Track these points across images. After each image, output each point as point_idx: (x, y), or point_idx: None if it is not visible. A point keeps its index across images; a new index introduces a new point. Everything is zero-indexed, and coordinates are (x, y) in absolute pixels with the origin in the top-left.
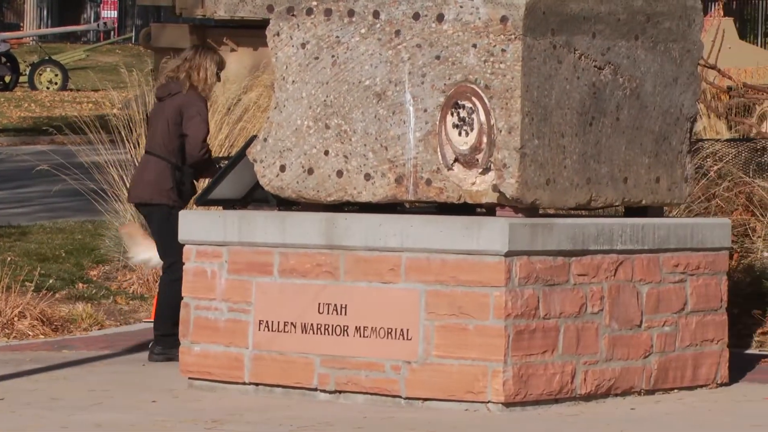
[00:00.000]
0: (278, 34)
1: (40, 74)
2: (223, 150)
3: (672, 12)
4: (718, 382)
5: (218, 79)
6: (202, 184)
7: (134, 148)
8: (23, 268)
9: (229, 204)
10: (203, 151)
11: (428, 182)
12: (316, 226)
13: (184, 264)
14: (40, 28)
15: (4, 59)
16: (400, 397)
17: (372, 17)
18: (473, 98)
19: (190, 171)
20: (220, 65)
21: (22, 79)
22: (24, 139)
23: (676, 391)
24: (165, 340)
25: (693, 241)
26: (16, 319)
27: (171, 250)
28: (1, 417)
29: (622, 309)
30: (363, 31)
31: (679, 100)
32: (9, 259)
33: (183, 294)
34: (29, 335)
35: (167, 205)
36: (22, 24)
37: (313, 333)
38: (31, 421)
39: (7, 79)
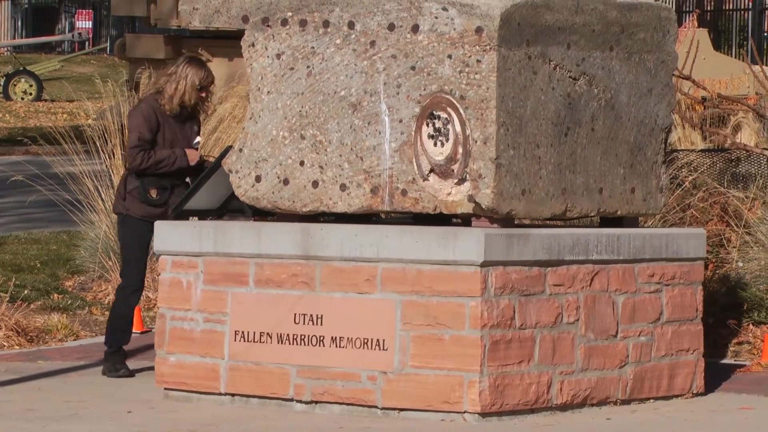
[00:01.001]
0: (253, 45)
1: (15, 85)
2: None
3: (647, 23)
4: (694, 391)
5: (201, 93)
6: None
7: (109, 158)
8: None
9: (204, 214)
10: (132, 159)
11: (404, 193)
12: (292, 236)
13: (160, 275)
14: (14, 38)
15: None
16: (376, 407)
17: (347, 28)
18: (448, 109)
19: (151, 178)
20: (205, 80)
21: None
22: None
23: (652, 400)
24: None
25: (668, 252)
26: None
27: (121, 257)
28: None
29: (598, 319)
30: (338, 41)
31: (654, 111)
32: None
33: (159, 304)
34: (4, 346)
35: (121, 214)
36: None
37: (289, 343)
38: None
39: None
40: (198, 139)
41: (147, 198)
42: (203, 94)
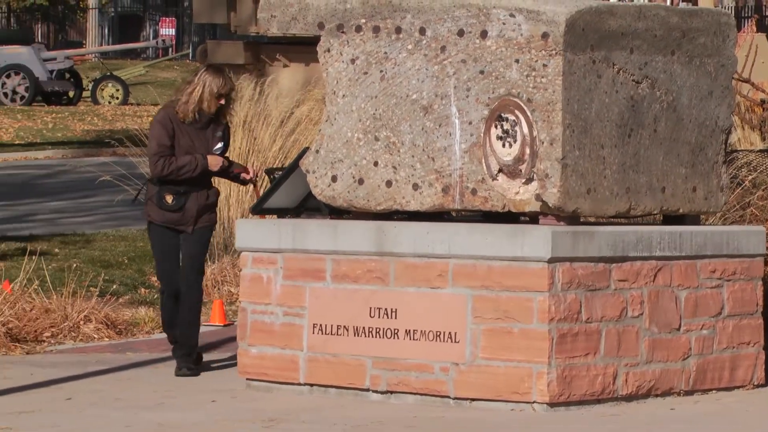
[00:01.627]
0: (329, 51)
1: (102, 89)
2: (277, 161)
3: (707, 28)
4: (755, 383)
5: (219, 100)
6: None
7: None
8: (88, 274)
9: (283, 213)
10: (154, 167)
11: (474, 192)
12: (367, 233)
13: (241, 270)
14: (101, 45)
15: (68, 75)
16: (448, 397)
17: (418, 34)
18: (516, 111)
19: (167, 185)
20: (223, 88)
21: (85, 94)
22: (87, 151)
23: (714, 391)
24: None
25: (729, 248)
26: (81, 322)
27: (155, 262)
28: (68, 416)
29: (662, 313)
30: (410, 47)
31: (714, 113)
32: (75, 265)
33: (241, 298)
34: (94, 338)
35: (147, 221)
36: (84, 42)
37: (365, 336)
38: (96, 420)
39: (71, 94)
40: (219, 145)
41: (162, 203)
42: (222, 102)
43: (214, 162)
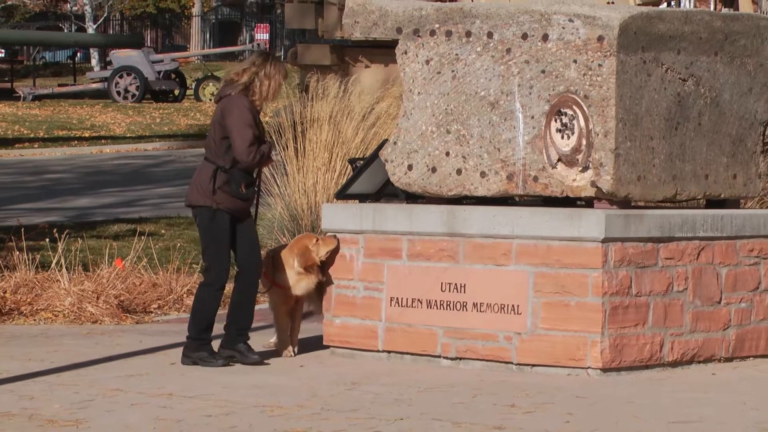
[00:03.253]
0: (406, 53)
1: (204, 88)
2: (359, 152)
3: (747, 31)
4: None
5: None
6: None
7: (283, 150)
8: (190, 253)
9: (364, 198)
10: (251, 156)
11: (535, 179)
12: (439, 217)
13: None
14: (203, 48)
15: (173, 75)
16: (511, 363)
17: (486, 37)
18: (574, 106)
19: (240, 173)
20: (285, 78)
21: (188, 92)
22: (190, 143)
23: (751, 358)
24: (189, 344)
25: (766, 229)
26: (185, 295)
27: (207, 252)
28: (172, 379)
29: (704, 288)
30: (479, 49)
31: (753, 108)
32: (179, 245)
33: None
34: None
35: (210, 207)
36: (188, 45)
37: (437, 308)
38: (198, 382)
39: (176, 92)
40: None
41: (239, 192)
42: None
43: (272, 151)
